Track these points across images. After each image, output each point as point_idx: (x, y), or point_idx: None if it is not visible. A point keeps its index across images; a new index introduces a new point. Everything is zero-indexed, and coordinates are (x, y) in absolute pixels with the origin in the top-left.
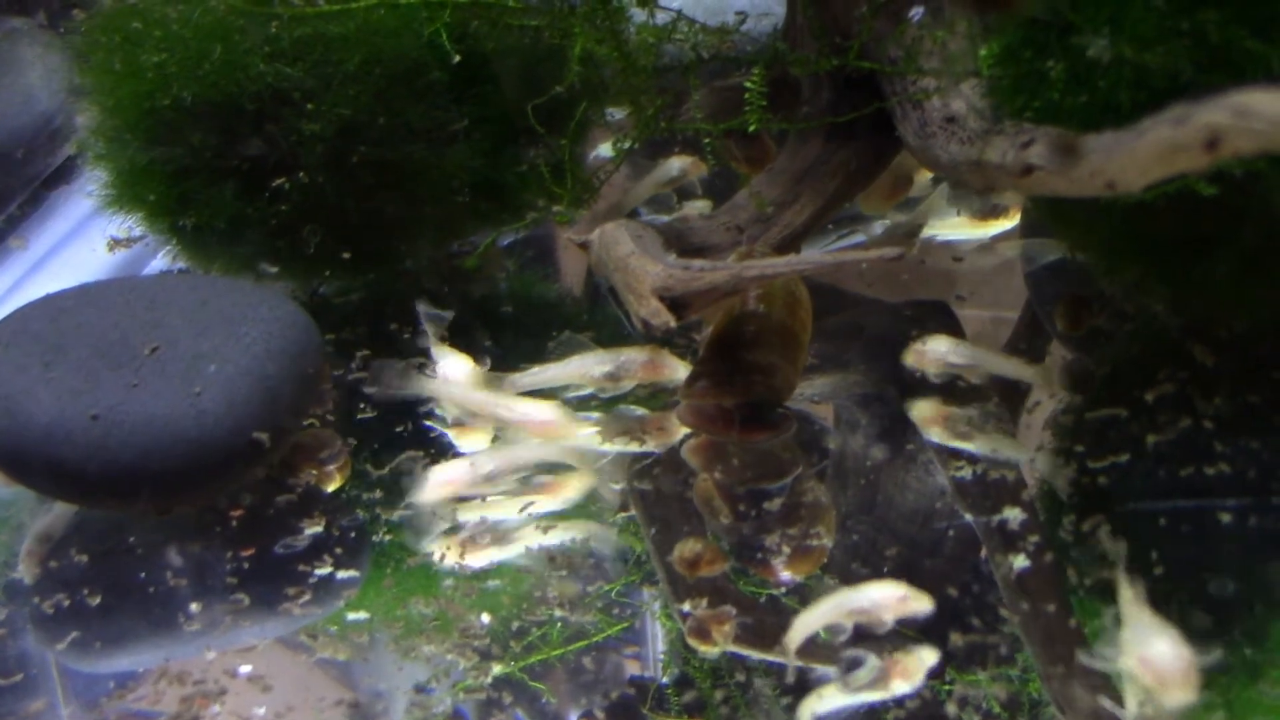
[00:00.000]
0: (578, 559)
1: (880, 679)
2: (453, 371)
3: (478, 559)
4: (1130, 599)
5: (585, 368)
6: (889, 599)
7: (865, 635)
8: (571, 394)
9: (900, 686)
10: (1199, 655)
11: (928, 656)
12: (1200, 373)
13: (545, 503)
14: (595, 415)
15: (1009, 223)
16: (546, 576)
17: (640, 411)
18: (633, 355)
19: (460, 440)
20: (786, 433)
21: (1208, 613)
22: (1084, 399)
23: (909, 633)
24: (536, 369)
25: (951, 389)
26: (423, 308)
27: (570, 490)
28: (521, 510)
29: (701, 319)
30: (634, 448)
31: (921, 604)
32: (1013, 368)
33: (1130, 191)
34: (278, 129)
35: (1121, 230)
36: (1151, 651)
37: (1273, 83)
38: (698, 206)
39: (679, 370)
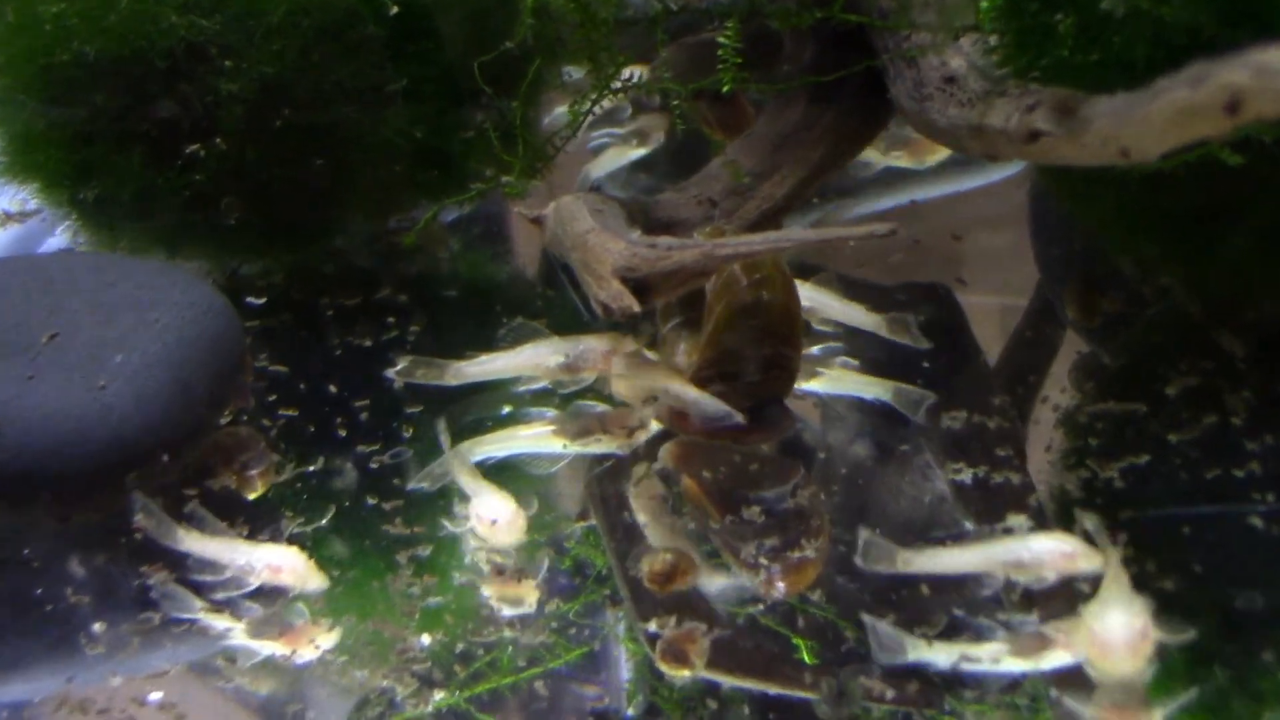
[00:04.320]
0: (529, 573)
1: (1034, 647)
2: (489, 510)
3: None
4: (1111, 575)
5: (539, 358)
6: (1054, 553)
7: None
8: (523, 387)
9: (1058, 658)
10: (1164, 632)
11: (1121, 623)
12: (1227, 363)
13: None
14: (550, 412)
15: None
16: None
17: (601, 407)
18: (592, 344)
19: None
20: (788, 432)
21: (1234, 629)
22: (1097, 393)
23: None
24: (484, 358)
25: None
26: (442, 427)
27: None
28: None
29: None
30: (595, 448)
31: (1092, 562)
32: (857, 315)
33: (1146, 160)
34: (192, 88)
35: (1137, 202)
36: (1100, 624)
37: None
38: (654, 122)
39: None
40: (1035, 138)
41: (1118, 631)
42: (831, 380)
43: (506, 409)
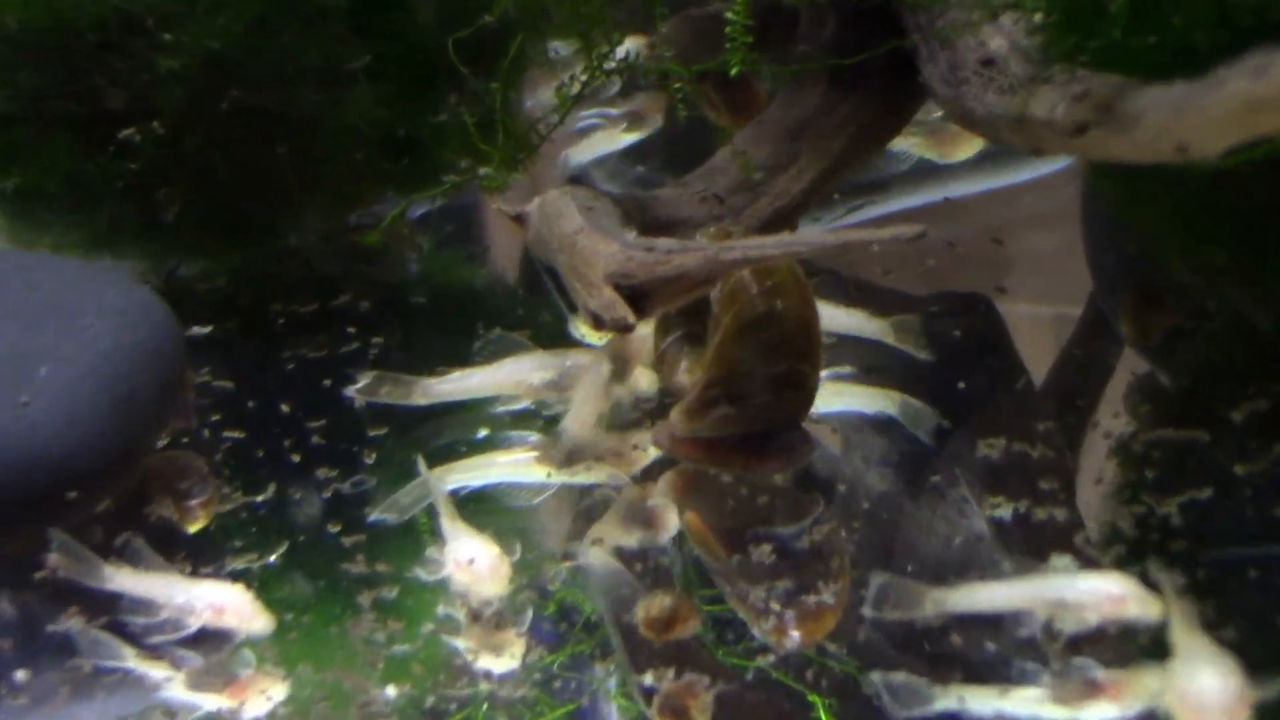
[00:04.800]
0: (510, 619)
1: (1079, 695)
2: (468, 555)
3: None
4: (1180, 625)
5: (521, 374)
6: (1102, 595)
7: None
8: (503, 408)
9: (1104, 711)
10: (1257, 688)
11: (1216, 683)
12: None
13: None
14: (533, 436)
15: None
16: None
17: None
18: (581, 360)
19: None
20: (806, 458)
21: None
22: (1154, 418)
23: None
24: (458, 374)
25: None
26: (423, 468)
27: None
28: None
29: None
30: (585, 478)
31: (1147, 609)
32: (857, 322)
33: (1206, 157)
34: (126, 65)
35: (1199, 204)
36: (1192, 685)
37: None
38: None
39: (640, 378)
40: (1083, 130)
41: (1213, 694)
42: (827, 394)
43: (483, 432)
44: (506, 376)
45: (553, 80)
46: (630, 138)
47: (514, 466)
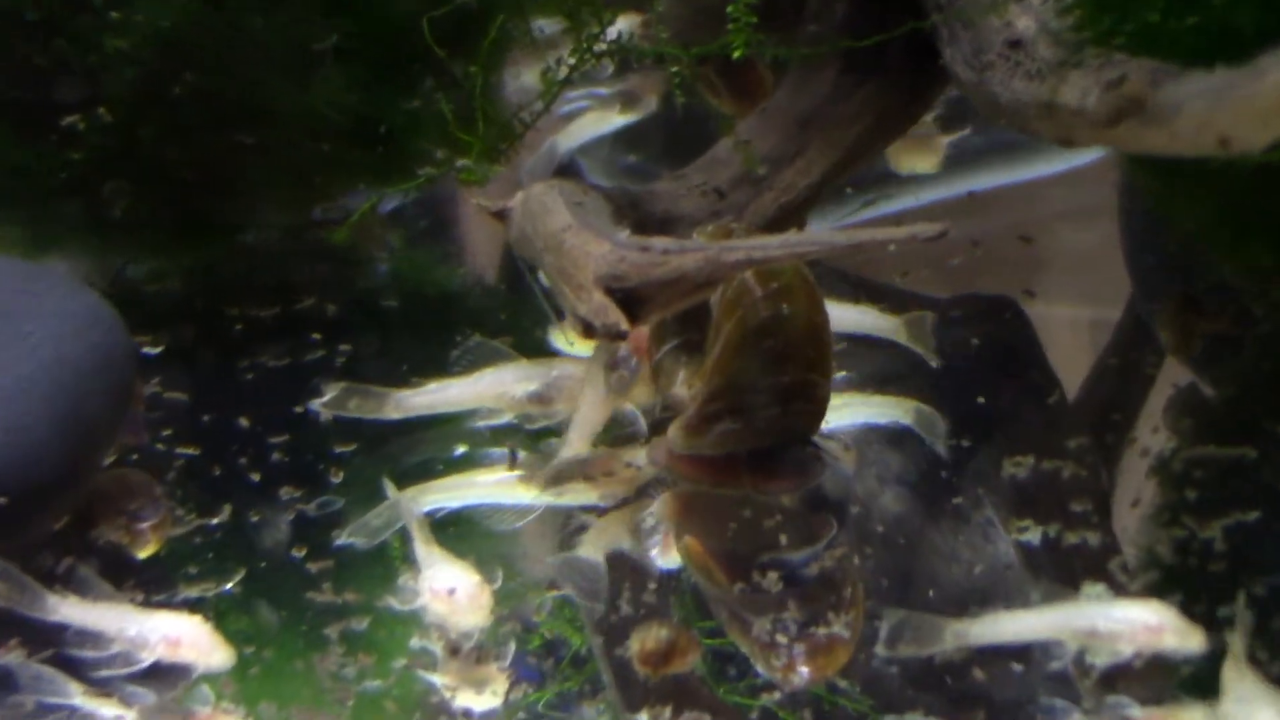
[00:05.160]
0: (492, 653)
1: None
2: (445, 583)
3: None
4: (1231, 662)
5: (502, 386)
6: (1137, 624)
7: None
8: (483, 422)
9: None
10: None
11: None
12: None
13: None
14: (521, 454)
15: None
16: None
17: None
18: (567, 369)
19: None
20: (818, 477)
21: None
22: (1196, 434)
23: None
24: (434, 385)
25: None
26: (392, 491)
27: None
28: None
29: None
30: (572, 499)
31: (1187, 640)
32: (868, 319)
33: (1249, 150)
34: (71, 46)
35: (1246, 201)
36: None
37: None
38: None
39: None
40: (1117, 121)
41: None
42: (834, 405)
43: (461, 449)
44: (486, 388)
45: (538, 63)
46: (623, 120)
47: (495, 487)
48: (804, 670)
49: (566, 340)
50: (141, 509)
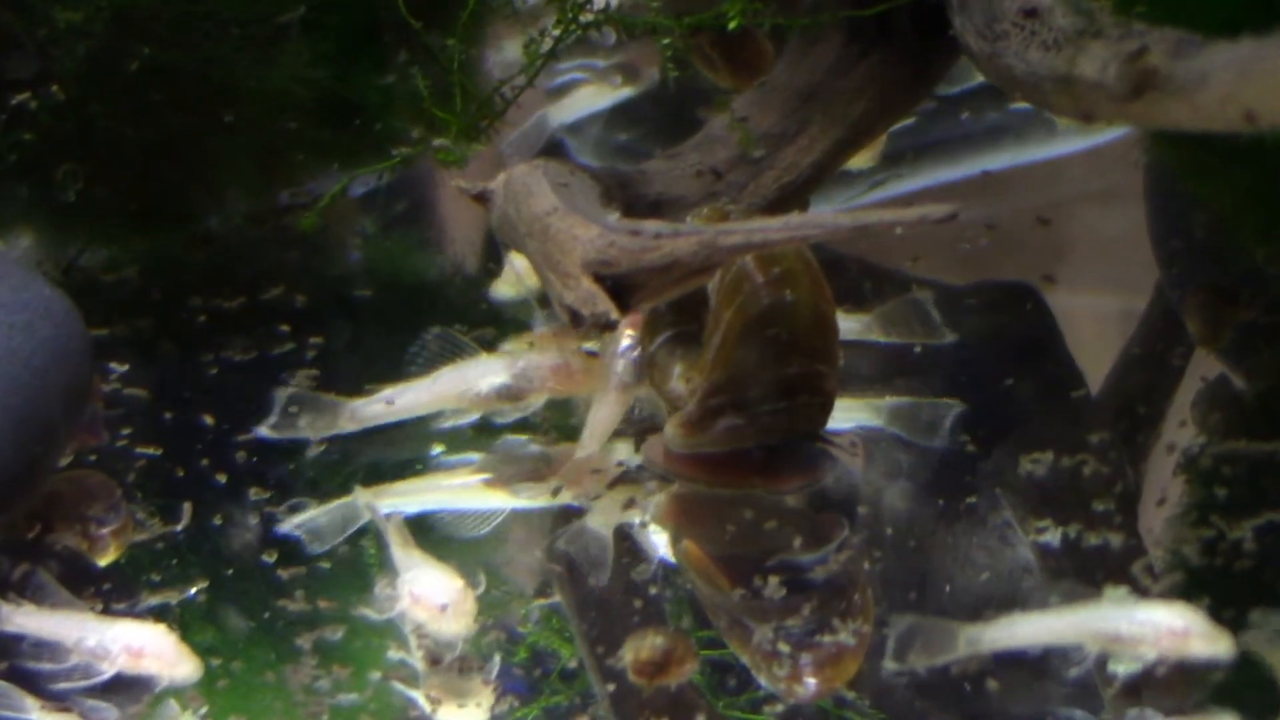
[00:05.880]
0: (476, 664)
1: None
2: (425, 589)
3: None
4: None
5: (465, 383)
6: (1161, 628)
7: None
8: (450, 423)
9: None
10: None
11: None
12: None
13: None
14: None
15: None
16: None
17: (535, 446)
18: (535, 360)
19: None
20: (828, 474)
21: None
22: (1226, 428)
23: None
24: (390, 390)
25: None
26: (364, 500)
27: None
28: None
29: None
30: (538, 501)
31: (1212, 646)
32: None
33: (1278, 124)
34: (19, 19)
35: (1278, 181)
36: None
37: None
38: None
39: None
40: (1138, 94)
41: None
42: None
43: (437, 449)
44: (448, 387)
45: (520, 35)
46: (621, 94)
47: (459, 490)
48: (811, 681)
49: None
50: (100, 513)
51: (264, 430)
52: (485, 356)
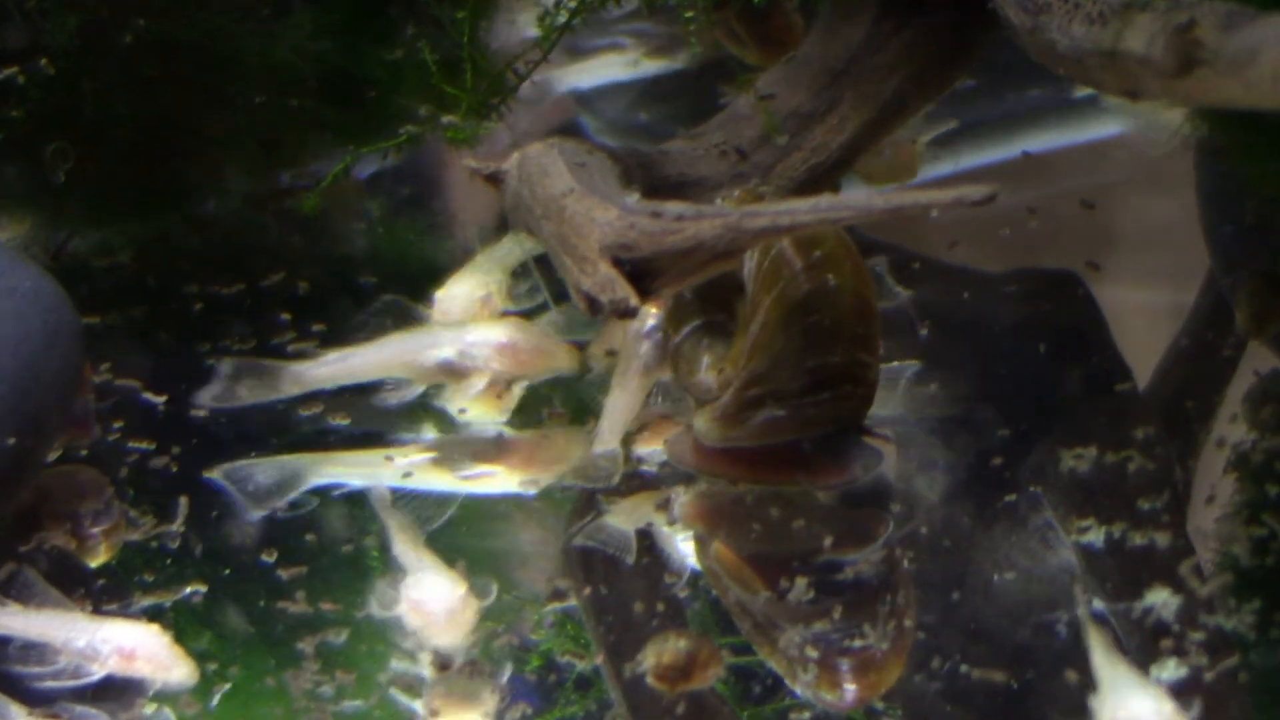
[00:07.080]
0: (486, 671)
1: None
2: (428, 596)
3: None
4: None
5: (411, 353)
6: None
7: None
8: (394, 398)
9: None
10: None
11: None
12: None
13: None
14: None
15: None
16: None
17: (501, 429)
18: (482, 334)
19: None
20: (874, 468)
21: None
22: (1278, 424)
23: None
24: (334, 355)
25: None
26: (379, 506)
27: None
28: None
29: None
30: (486, 486)
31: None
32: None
33: None
34: None
35: None
36: None
37: None
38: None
39: (559, 356)
40: (1188, 70)
41: None
42: None
43: (430, 433)
44: (393, 356)
45: (534, 7)
46: (651, 67)
47: (408, 469)
48: (851, 688)
49: (456, 409)
50: (91, 511)
51: (207, 399)
52: (438, 328)
